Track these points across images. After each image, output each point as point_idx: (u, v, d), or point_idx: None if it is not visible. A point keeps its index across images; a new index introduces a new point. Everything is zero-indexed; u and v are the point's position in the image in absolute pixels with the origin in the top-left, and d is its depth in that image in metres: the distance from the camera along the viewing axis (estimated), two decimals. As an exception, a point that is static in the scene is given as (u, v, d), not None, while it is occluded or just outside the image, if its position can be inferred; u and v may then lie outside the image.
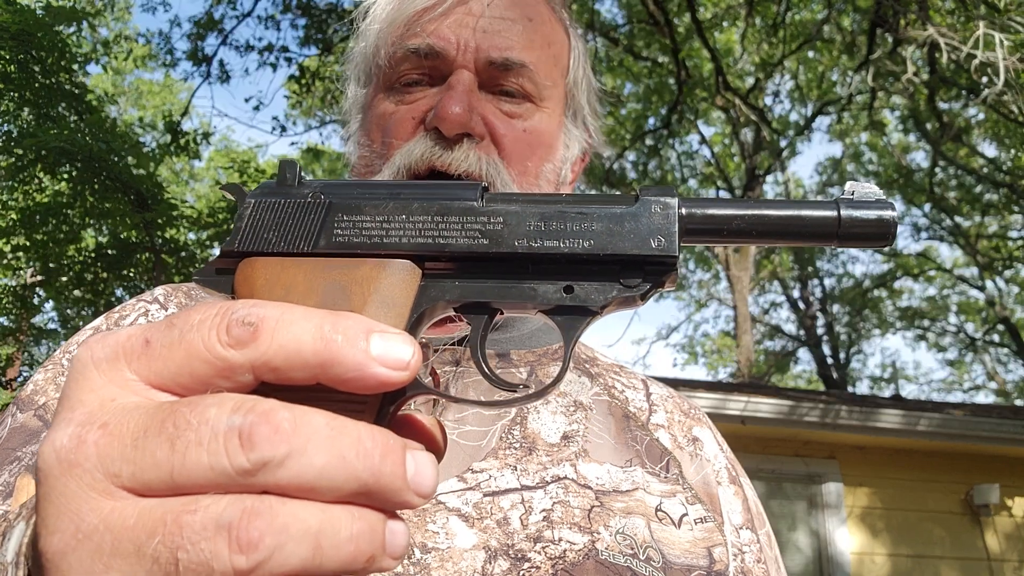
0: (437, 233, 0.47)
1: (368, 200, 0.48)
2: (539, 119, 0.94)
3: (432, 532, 0.74)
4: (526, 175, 0.92)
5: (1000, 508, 6.91)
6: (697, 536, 0.85)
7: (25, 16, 8.07)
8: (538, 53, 0.93)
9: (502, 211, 0.47)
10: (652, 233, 0.47)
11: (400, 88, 0.93)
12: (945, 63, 10.66)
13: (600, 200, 0.48)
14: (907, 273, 21.25)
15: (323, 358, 0.39)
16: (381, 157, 0.91)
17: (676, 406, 1.02)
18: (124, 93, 21.02)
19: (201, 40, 10.29)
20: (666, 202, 0.48)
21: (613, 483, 0.85)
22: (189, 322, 0.39)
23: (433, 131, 0.87)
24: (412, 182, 0.51)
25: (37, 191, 9.40)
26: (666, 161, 16.97)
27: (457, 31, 0.90)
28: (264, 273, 0.46)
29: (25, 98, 8.54)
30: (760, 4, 12.56)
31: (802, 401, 6.92)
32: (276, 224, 0.47)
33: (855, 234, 0.49)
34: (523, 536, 0.76)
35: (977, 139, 16.67)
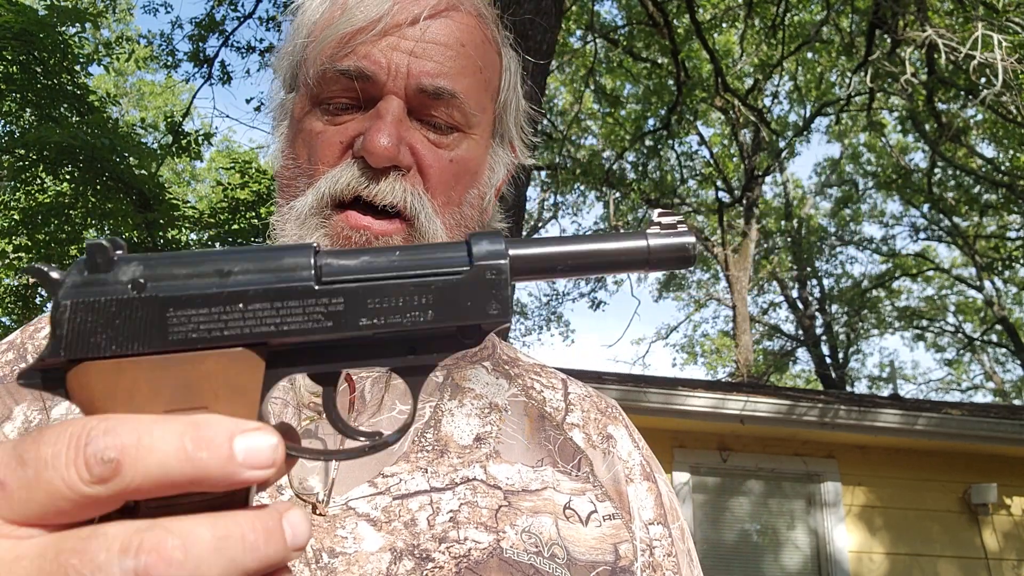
0: (279, 320, 0.45)
1: (198, 289, 0.45)
2: (466, 147, 0.93)
3: (340, 537, 0.75)
4: (450, 204, 0.91)
5: (998, 507, 6.94)
6: (605, 532, 0.86)
7: (27, 16, 8.09)
8: (469, 80, 0.92)
9: (341, 290, 0.47)
10: (488, 300, 0.49)
11: (328, 107, 0.91)
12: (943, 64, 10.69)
13: (433, 263, 0.48)
14: (905, 273, 21.28)
15: (191, 477, 0.39)
16: (306, 175, 0.91)
17: (593, 405, 1.03)
18: (126, 94, 21.04)
19: (203, 41, 10.31)
20: (499, 267, 0.49)
21: (523, 483, 0.85)
22: (42, 458, 0.38)
23: (360, 160, 0.86)
24: (239, 250, 0.47)
25: (39, 191, 9.42)
26: (665, 162, 17.01)
27: (389, 55, 0.88)
28: (101, 379, 0.44)
29: (27, 99, 8.55)
30: (759, 5, 12.59)
31: (801, 401, 6.94)
32: (102, 325, 0.44)
33: (662, 260, 0.53)
34: (429, 536, 0.77)
35: (975, 139, 16.71)
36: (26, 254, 9.49)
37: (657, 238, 0.53)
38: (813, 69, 16.50)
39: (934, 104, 12.60)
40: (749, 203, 17.72)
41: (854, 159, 20.40)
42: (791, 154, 19.09)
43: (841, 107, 15.79)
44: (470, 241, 0.50)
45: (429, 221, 0.87)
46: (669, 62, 13.58)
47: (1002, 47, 7.57)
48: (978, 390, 23.95)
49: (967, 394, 24.12)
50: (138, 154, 9.02)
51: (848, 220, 21.39)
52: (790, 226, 20.36)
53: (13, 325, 10.53)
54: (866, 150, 20.13)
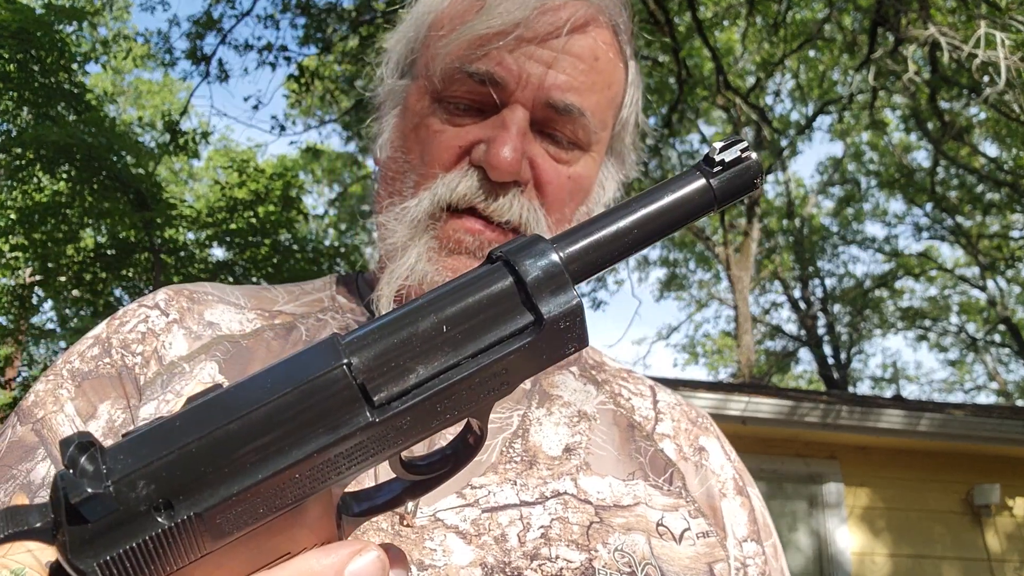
0: (345, 466, 0.41)
1: (238, 486, 0.38)
2: (583, 164, 0.91)
3: (429, 549, 0.74)
4: (562, 222, 0.90)
5: (1001, 508, 6.91)
6: (699, 551, 0.83)
7: (25, 14, 8.07)
8: (597, 97, 0.89)
9: (403, 411, 0.41)
10: (565, 345, 0.44)
11: (449, 106, 0.88)
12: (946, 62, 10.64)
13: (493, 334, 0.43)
14: (908, 273, 21.23)
15: None
16: (416, 173, 0.88)
17: (683, 414, 1.00)
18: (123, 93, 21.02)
19: (200, 39, 10.28)
20: (571, 311, 0.44)
21: (614, 497, 0.83)
22: None
23: (479, 169, 0.85)
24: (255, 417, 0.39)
25: (36, 190, 9.39)
26: (667, 160, 16.96)
27: (523, 63, 0.85)
28: None
29: (24, 97, 8.54)
30: (761, 3, 12.55)
31: (803, 401, 6.91)
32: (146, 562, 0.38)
33: (730, 191, 0.49)
34: (520, 553, 0.75)
35: (978, 138, 16.66)
36: (23, 253, 9.47)
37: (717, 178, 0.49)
38: (815, 67, 16.45)
39: (937, 103, 12.55)
40: (751, 202, 17.68)
41: (856, 158, 20.35)
42: (793, 153, 19.05)
43: (843, 105, 15.75)
44: (529, 289, 0.44)
45: None
46: (670, 60, 13.54)
47: (1005, 45, 7.52)
48: (981, 390, 23.91)
49: (970, 395, 24.10)
50: (135, 153, 9.00)
51: (850, 219, 21.35)
52: (792, 225, 20.32)
53: (11, 325, 10.50)
54: (868, 149, 20.08)
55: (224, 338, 0.88)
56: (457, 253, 0.85)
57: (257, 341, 0.89)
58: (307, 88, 10.89)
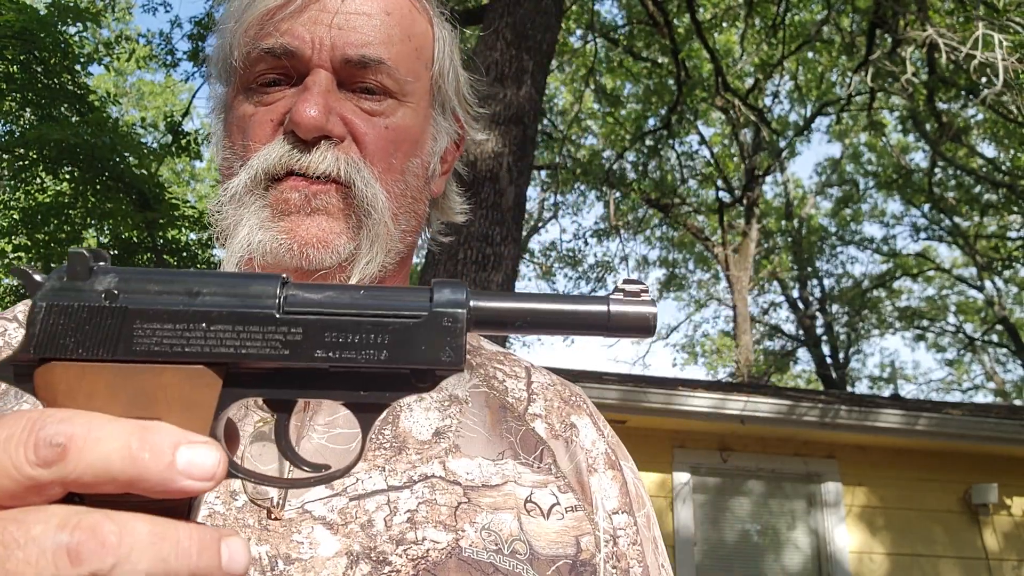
0: (239, 343, 0.48)
1: (166, 305, 0.47)
2: (402, 115, 0.92)
3: (296, 543, 0.74)
4: (390, 172, 0.90)
5: (999, 507, 6.94)
6: (567, 525, 0.84)
7: (28, 15, 8.09)
8: (397, 48, 0.90)
9: (301, 321, 0.49)
10: (442, 346, 0.50)
11: (258, 88, 0.90)
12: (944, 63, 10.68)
13: (394, 305, 0.50)
14: (906, 273, 21.28)
15: (131, 475, 0.41)
16: (240, 159, 0.89)
17: (557, 394, 1.01)
18: (126, 94, 21.03)
19: (202, 40, 10.31)
20: (455, 315, 0.50)
21: (483, 477, 0.84)
22: None
23: (290, 134, 0.86)
24: (211, 273, 0.49)
25: (39, 191, 9.41)
26: (666, 162, 17.00)
27: (312, 29, 0.87)
28: (65, 379, 0.46)
29: (28, 99, 8.55)
30: (759, 5, 12.59)
31: (801, 401, 6.94)
32: (72, 329, 0.46)
33: (622, 327, 0.54)
34: (386, 538, 0.76)
35: (976, 139, 16.70)
36: (25, 254, 9.48)
37: (619, 304, 0.54)
38: (814, 69, 16.49)
39: (935, 104, 12.60)
40: (749, 203, 17.72)
41: (855, 159, 20.40)
42: (792, 154, 19.10)
43: (842, 107, 15.79)
44: (433, 287, 0.52)
45: (367, 186, 0.87)
46: (669, 61, 13.58)
47: (1003, 47, 7.56)
48: (979, 390, 23.96)
49: (968, 394, 24.14)
50: (138, 154, 9.02)
51: (849, 220, 21.39)
52: (791, 226, 20.36)
53: (13, 325, 10.52)
54: (867, 150, 20.12)
55: None
56: (288, 214, 0.86)
57: None
58: (308, 89, 10.90)
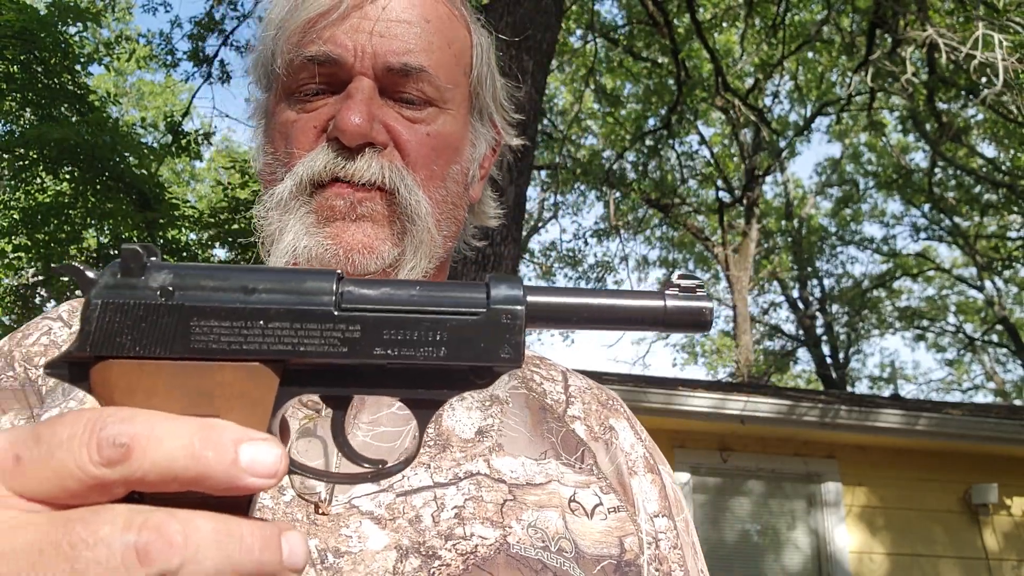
0: (296, 340, 0.47)
1: (223, 302, 0.47)
2: (443, 122, 0.92)
3: (345, 536, 0.75)
4: (432, 178, 0.91)
5: (999, 507, 6.94)
6: (610, 525, 0.85)
7: (28, 15, 8.08)
8: (437, 55, 0.91)
9: (359, 318, 0.48)
10: (501, 343, 0.50)
11: (300, 96, 0.91)
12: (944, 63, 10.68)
13: (451, 301, 0.50)
14: (906, 273, 21.28)
15: (195, 474, 0.40)
16: (284, 165, 0.91)
17: (594, 397, 1.02)
18: (126, 94, 21.04)
19: (202, 40, 10.30)
20: (514, 312, 0.50)
21: (527, 476, 0.85)
22: (57, 437, 0.40)
23: (334, 141, 0.87)
24: (265, 269, 0.49)
25: (39, 191, 9.41)
26: (666, 162, 17.00)
27: (354, 36, 0.88)
28: (123, 378, 0.46)
29: (28, 99, 8.55)
30: (759, 5, 12.59)
31: (801, 401, 6.94)
32: (128, 327, 0.46)
33: (678, 321, 0.54)
34: (434, 533, 0.77)
35: (976, 139, 16.70)
36: (25, 254, 9.49)
37: (675, 299, 0.54)
38: (814, 69, 16.49)
39: (935, 104, 12.60)
40: (749, 203, 17.72)
41: (855, 159, 20.40)
42: (791, 154, 19.10)
43: (841, 107, 15.79)
44: (489, 283, 0.51)
45: (411, 193, 0.87)
46: (669, 61, 13.58)
47: (1003, 47, 7.56)
48: (979, 390, 23.96)
49: (968, 394, 24.14)
50: (138, 154, 9.01)
51: (849, 220, 21.39)
52: (791, 226, 20.36)
53: (13, 325, 10.53)
54: (867, 150, 20.12)
55: None
56: (333, 220, 0.87)
57: None
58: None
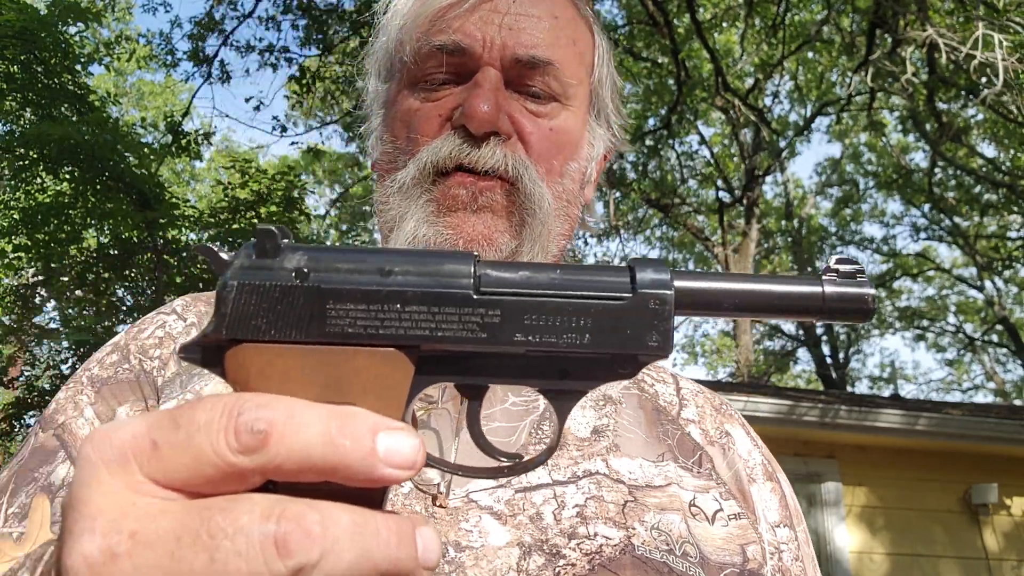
0: (434, 325, 0.46)
1: (359, 284, 0.46)
2: (565, 118, 0.93)
3: (465, 531, 0.74)
4: (552, 173, 0.91)
5: (999, 507, 6.94)
6: (732, 532, 0.83)
7: (29, 15, 8.08)
8: (563, 51, 0.92)
9: (499, 302, 0.46)
10: (648, 330, 0.48)
11: (426, 85, 0.91)
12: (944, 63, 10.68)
13: (595, 286, 0.48)
14: (906, 273, 21.28)
15: (332, 463, 0.39)
16: (406, 153, 0.91)
17: (707, 401, 1.01)
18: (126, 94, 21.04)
19: (202, 40, 10.31)
20: (663, 297, 0.48)
21: (646, 478, 0.83)
22: (195, 422, 0.39)
23: (460, 129, 0.87)
24: (400, 251, 0.48)
25: (39, 191, 9.41)
26: (666, 161, 16.99)
27: (483, 28, 0.88)
28: (257, 361, 0.45)
29: (28, 99, 8.55)
30: (760, 5, 12.58)
31: (801, 401, 6.94)
32: (264, 309, 0.45)
33: (838, 309, 0.51)
34: (557, 531, 0.76)
35: (976, 139, 16.70)
36: (25, 254, 9.48)
37: (833, 286, 0.51)
38: (814, 69, 16.49)
39: (935, 104, 12.60)
40: (749, 203, 17.71)
41: (855, 159, 20.39)
42: (792, 154, 19.09)
43: (841, 107, 15.79)
44: (634, 267, 0.49)
45: (534, 184, 0.87)
46: (669, 61, 13.58)
47: (1003, 47, 7.56)
48: (979, 390, 23.96)
49: (968, 394, 24.14)
50: (138, 153, 9.01)
51: (849, 220, 21.39)
52: (791, 226, 20.35)
53: (14, 325, 10.52)
54: (867, 150, 20.12)
55: None
56: (454, 210, 0.86)
57: None
58: (308, 89, 10.92)
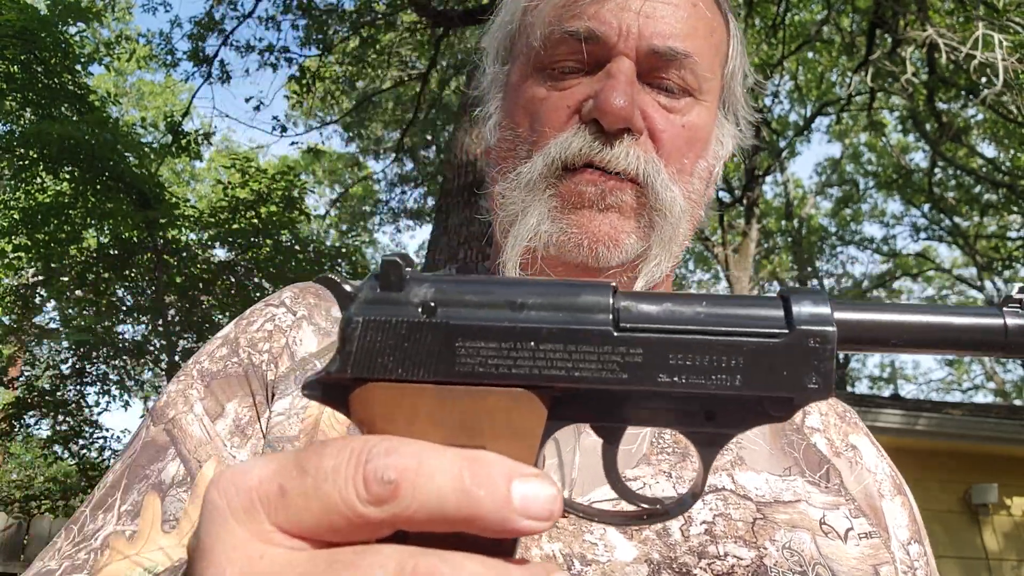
0: (571, 365, 0.42)
1: (490, 321, 0.42)
2: (697, 113, 0.88)
3: (590, 543, 0.71)
4: (683, 173, 0.86)
5: (999, 507, 6.94)
6: (864, 552, 0.78)
7: (29, 15, 8.08)
8: (700, 42, 0.87)
9: (641, 340, 0.43)
10: (807, 371, 0.43)
11: (553, 72, 0.86)
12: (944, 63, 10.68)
13: (746, 321, 0.43)
14: (906, 273, 21.28)
15: (465, 514, 0.37)
16: (528, 143, 0.86)
17: (830, 408, 0.95)
18: (126, 94, 21.04)
19: (202, 40, 10.31)
20: (825, 334, 0.43)
21: (773, 493, 0.79)
22: (322, 469, 0.38)
23: (591, 123, 0.82)
24: (531, 282, 0.44)
25: (39, 191, 9.41)
26: (666, 161, 16.99)
27: (619, 15, 0.83)
28: (384, 401, 0.43)
29: (28, 99, 8.55)
30: (759, 5, 12.58)
31: (801, 400, 6.93)
32: (391, 347, 0.43)
33: (1022, 344, 0.45)
34: (685, 549, 0.72)
35: (976, 139, 16.70)
36: (25, 254, 9.49)
37: (1017, 318, 0.45)
38: (814, 69, 16.49)
39: (935, 104, 12.60)
40: (749, 203, 17.72)
41: (855, 159, 20.39)
42: (792, 154, 19.09)
43: (841, 107, 15.78)
44: (789, 298, 0.44)
45: (665, 189, 0.83)
46: (669, 62, 13.56)
47: (1003, 47, 7.56)
48: (979, 390, 23.96)
49: (968, 394, 24.15)
50: (138, 153, 9.02)
51: (849, 220, 21.39)
52: (791, 226, 20.36)
53: (14, 324, 10.53)
54: (867, 150, 20.12)
55: None
56: (580, 208, 0.82)
57: None
58: (308, 89, 10.92)
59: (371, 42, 11.57)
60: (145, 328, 10.27)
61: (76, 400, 9.99)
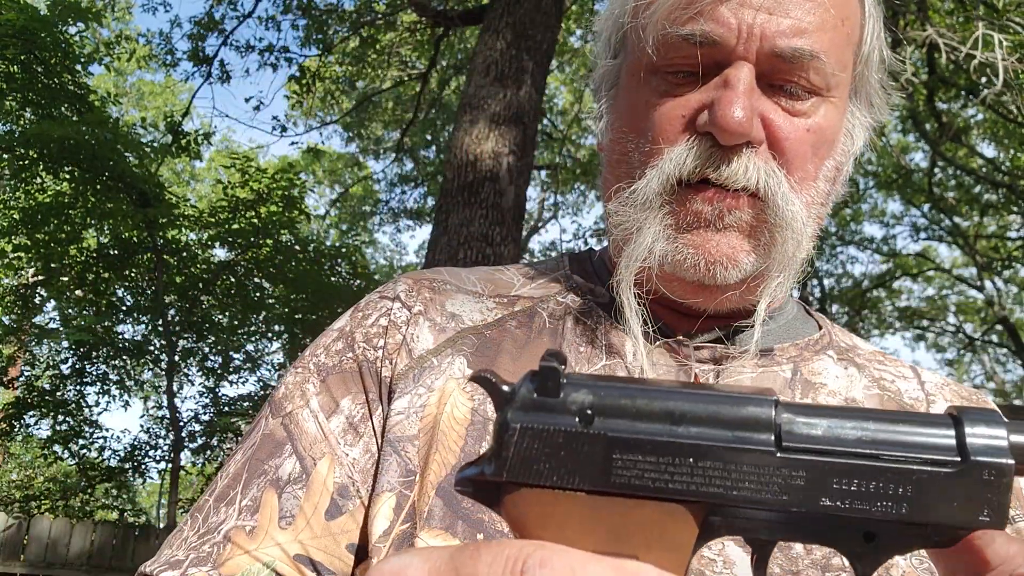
0: (730, 483, 0.41)
1: (648, 434, 0.42)
2: (824, 113, 0.81)
3: (708, 560, 0.69)
4: (806, 180, 0.82)
5: (998, 507, 6.95)
6: None
7: (29, 14, 8.09)
8: (831, 36, 0.79)
9: (804, 462, 0.41)
10: (980, 505, 0.41)
11: (666, 76, 0.81)
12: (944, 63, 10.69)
13: (914, 445, 0.41)
14: (906, 273, 21.29)
15: None
16: (641, 153, 0.82)
17: (955, 393, 0.90)
18: (126, 94, 21.05)
19: (202, 40, 10.32)
20: (1000, 467, 0.40)
21: None
22: (478, 574, 0.37)
23: (707, 136, 0.77)
24: (692, 391, 0.43)
25: (39, 191, 9.42)
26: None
27: (738, 13, 0.76)
28: (537, 507, 0.42)
29: (28, 99, 8.56)
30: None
31: (801, 400, 6.95)
32: (547, 454, 0.42)
33: None
34: (808, 562, 0.70)
35: (976, 139, 16.71)
36: (25, 254, 9.50)
37: None
38: (813, 69, 16.49)
39: (934, 104, 12.61)
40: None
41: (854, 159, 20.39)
42: (791, 154, 19.08)
43: (841, 107, 15.78)
44: (962, 419, 0.42)
45: (786, 202, 0.78)
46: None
47: (1003, 47, 7.56)
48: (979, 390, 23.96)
49: (967, 394, 24.14)
50: (138, 153, 9.03)
51: (849, 220, 21.40)
52: (790, 226, 20.36)
53: (14, 324, 10.53)
54: (867, 150, 20.10)
55: (468, 331, 0.88)
56: (696, 228, 0.79)
57: (501, 332, 0.88)
58: (308, 89, 10.94)
59: (371, 42, 11.59)
60: (145, 328, 10.28)
61: (76, 400, 10.00)
